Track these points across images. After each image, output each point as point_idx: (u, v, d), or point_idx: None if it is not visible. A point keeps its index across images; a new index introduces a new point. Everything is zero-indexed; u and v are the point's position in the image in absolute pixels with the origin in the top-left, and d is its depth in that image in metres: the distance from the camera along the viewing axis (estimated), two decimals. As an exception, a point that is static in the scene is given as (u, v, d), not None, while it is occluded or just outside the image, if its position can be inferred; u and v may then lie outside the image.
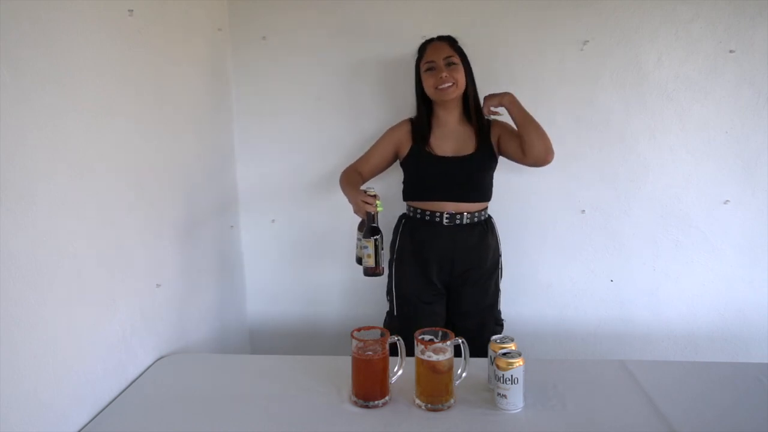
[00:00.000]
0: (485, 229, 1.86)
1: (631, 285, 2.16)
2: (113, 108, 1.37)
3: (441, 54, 1.77)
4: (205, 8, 1.93)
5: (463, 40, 1.85)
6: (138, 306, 1.48)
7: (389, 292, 1.91)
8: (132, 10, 1.43)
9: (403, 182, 1.91)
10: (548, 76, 2.05)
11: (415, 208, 1.85)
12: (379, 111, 2.09)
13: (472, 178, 1.83)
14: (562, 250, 2.16)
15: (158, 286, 1.58)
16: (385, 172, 1.95)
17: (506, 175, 2.07)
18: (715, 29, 1.97)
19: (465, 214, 1.81)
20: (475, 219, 1.83)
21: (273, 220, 2.24)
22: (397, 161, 1.92)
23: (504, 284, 2.16)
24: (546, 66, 2.04)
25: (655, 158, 2.07)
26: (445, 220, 1.80)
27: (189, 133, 1.81)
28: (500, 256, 1.92)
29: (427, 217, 1.82)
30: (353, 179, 1.80)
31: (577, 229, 2.14)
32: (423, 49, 1.83)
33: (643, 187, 2.10)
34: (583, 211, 2.13)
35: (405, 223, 1.89)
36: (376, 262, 1.64)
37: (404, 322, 1.82)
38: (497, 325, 1.91)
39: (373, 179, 1.91)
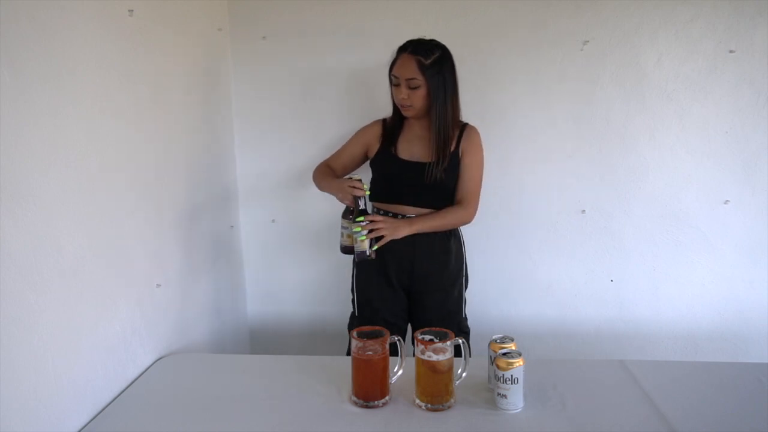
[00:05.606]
0: (447, 234, 1.82)
1: (631, 285, 2.16)
2: (113, 108, 1.37)
3: (406, 73, 1.69)
4: (205, 8, 1.93)
5: (463, 41, 1.84)
6: (138, 306, 1.48)
7: (351, 291, 1.90)
8: (132, 10, 1.43)
9: (371, 182, 1.88)
10: (548, 76, 2.04)
11: (379, 209, 1.83)
12: (379, 111, 2.08)
13: (434, 184, 1.76)
14: (562, 250, 2.16)
15: (158, 286, 1.58)
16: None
17: (506, 175, 2.07)
18: (715, 29, 1.97)
19: None
20: None
21: (273, 220, 2.24)
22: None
23: (504, 284, 2.15)
24: (546, 66, 2.04)
25: (655, 158, 2.07)
26: None
27: (189, 132, 1.81)
28: (464, 261, 1.88)
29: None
30: (328, 173, 1.83)
31: (577, 229, 2.14)
32: (396, 56, 1.74)
33: (643, 187, 2.09)
34: (583, 211, 2.13)
35: None
36: (370, 244, 1.65)
37: (364, 323, 1.75)
38: (461, 332, 1.82)
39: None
